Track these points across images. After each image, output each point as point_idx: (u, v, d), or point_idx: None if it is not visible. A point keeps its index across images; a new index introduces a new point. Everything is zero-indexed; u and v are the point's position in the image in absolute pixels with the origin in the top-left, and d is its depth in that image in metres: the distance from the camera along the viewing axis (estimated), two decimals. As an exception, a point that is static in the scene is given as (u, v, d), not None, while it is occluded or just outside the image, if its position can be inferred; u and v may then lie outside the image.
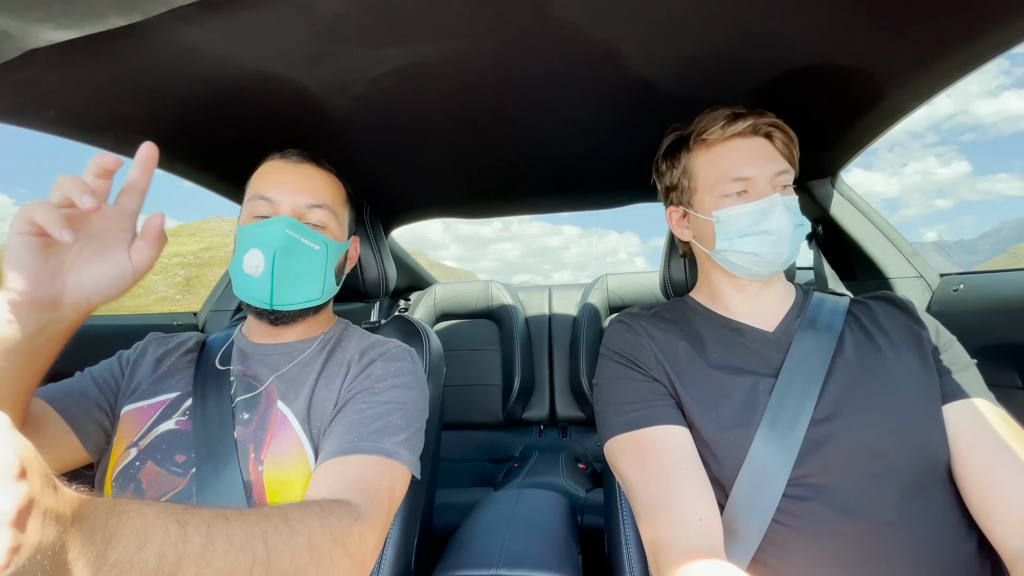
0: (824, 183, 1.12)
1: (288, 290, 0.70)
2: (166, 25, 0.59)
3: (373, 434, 0.64)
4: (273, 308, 0.71)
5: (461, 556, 0.82)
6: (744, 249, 0.69)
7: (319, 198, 0.74)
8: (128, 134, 0.88)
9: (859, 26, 0.66)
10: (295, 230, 0.70)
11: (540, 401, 2.07)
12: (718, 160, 0.71)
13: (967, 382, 0.64)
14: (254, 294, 0.70)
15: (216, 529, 0.40)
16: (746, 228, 0.68)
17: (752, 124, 0.69)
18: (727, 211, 0.69)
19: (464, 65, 0.73)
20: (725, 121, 0.69)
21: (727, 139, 0.70)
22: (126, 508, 0.35)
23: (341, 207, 0.79)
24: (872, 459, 0.59)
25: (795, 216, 0.69)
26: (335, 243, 0.75)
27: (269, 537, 0.44)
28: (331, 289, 0.77)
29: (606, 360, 0.74)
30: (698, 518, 0.56)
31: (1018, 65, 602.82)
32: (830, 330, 0.68)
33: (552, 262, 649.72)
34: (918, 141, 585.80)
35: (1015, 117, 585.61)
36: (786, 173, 0.70)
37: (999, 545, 0.55)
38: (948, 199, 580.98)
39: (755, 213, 0.68)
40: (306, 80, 0.75)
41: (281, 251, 0.69)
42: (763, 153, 0.70)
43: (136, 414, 0.69)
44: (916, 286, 1.09)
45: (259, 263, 0.68)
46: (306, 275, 0.72)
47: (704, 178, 0.72)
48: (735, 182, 0.69)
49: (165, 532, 0.36)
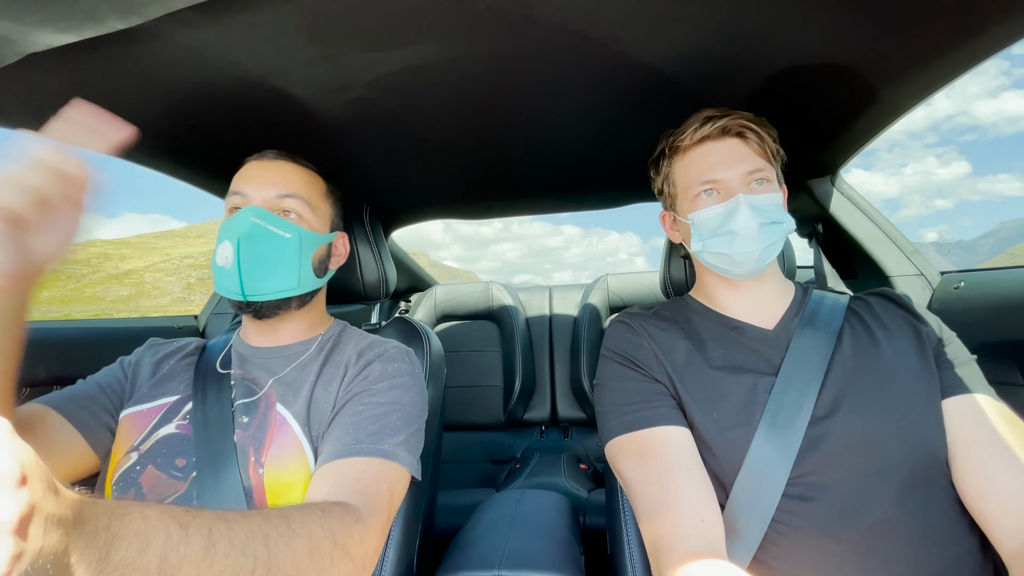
0: (824, 181, 1.12)
1: (258, 279, 0.70)
2: (164, 28, 0.59)
3: (371, 436, 0.63)
4: (246, 299, 0.70)
5: (463, 557, 0.81)
6: (715, 250, 0.70)
7: (290, 188, 0.74)
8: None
9: (857, 25, 0.66)
10: (261, 218, 0.70)
11: (541, 402, 2.07)
12: (691, 165, 0.73)
13: (967, 377, 0.63)
14: (227, 286, 0.70)
15: (218, 531, 0.40)
16: (715, 229, 0.70)
17: (722, 126, 0.70)
18: (699, 213, 0.71)
19: (463, 66, 0.73)
20: (697, 125, 0.71)
21: (698, 143, 0.72)
22: (128, 511, 0.35)
23: (319, 200, 0.78)
24: (871, 455, 0.59)
25: (764, 214, 0.68)
26: (310, 233, 0.75)
27: (270, 539, 0.44)
28: (309, 280, 0.75)
29: (606, 361, 0.74)
30: (700, 519, 0.56)
31: (1018, 66, 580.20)
32: (829, 327, 0.68)
33: (552, 262, 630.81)
34: (918, 141, 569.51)
35: (1015, 118, 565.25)
36: (760, 171, 0.70)
37: (996, 544, 0.55)
38: (948, 199, 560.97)
39: (721, 215, 0.69)
40: (305, 82, 0.75)
41: (246, 238, 0.68)
42: (734, 154, 0.70)
43: (136, 417, 0.69)
44: (917, 284, 1.09)
45: (228, 254, 0.69)
46: (276, 263, 0.71)
47: (681, 183, 0.75)
48: (704, 184, 0.70)
49: (167, 534, 0.36)
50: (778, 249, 0.70)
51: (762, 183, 0.70)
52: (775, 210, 0.69)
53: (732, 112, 0.71)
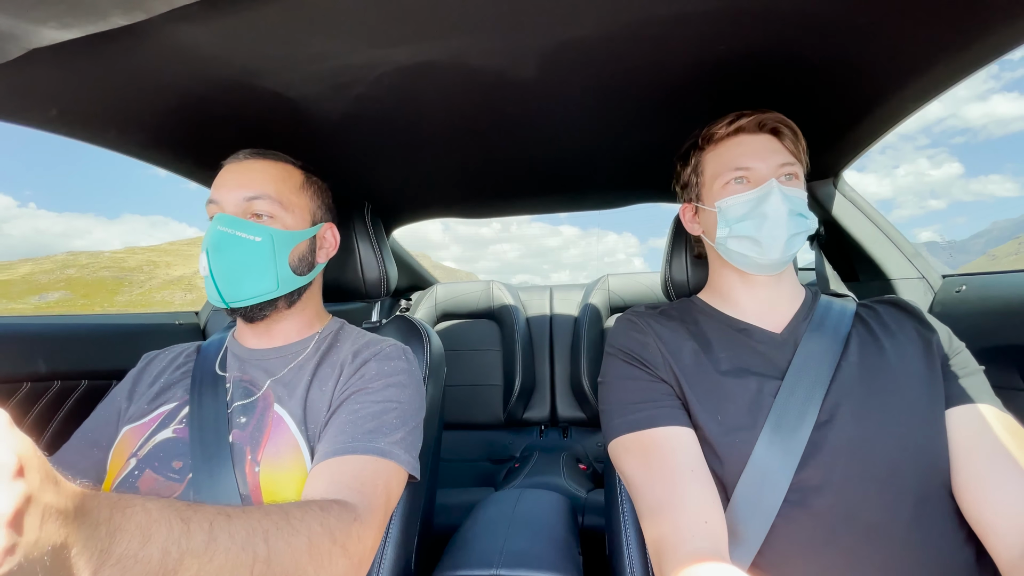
0: (826, 184, 1.12)
1: (235, 286, 0.70)
2: (168, 24, 0.59)
3: (368, 434, 0.64)
4: (228, 306, 0.71)
5: (461, 556, 0.81)
6: (742, 234, 0.70)
7: (259, 189, 0.73)
8: (130, 133, 0.88)
9: (860, 28, 0.65)
10: (228, 225, 0.70)
11: (541, 401, 2.07)
12: (724, 154, 0.73)
13: (973, 387, 0.63)
14: (211, 294, 0.71)
15: (219, 526, 0.40)
16: (744, 214, 0.70)
17: (757, 119, 0.72)
18: (728, 200, 0.72)
19: (463, 66, 0.73)
20: (732, 118, 0.73)
21: (732, 135, 0.73)
22: (130, 504, 0.35)
23: (292, 195, 0.76)
24: (874, 463, 0.58)
25: (794, 204, 0.69)
26: (283, 232, 0.73)
27: (270, 535, 0.44)
28: (289, 280, 0.74)
29: (611, 358, 0.74)
30: (703, 520, 0.56)
31: (1007, 70, 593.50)
32: (837, 333, 0.68)
33: (551, 262, 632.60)
34: (910, 143, 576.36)
35: (1005, 120, 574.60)
36: (790, 165, 0.71)
37: (994, 554, 0.55)
38: (941, 200, 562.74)
39: (752, 200, 0.70)
40: (308, 79, 0.75)
41: (214, 248, 0.69)
42: (767, 147, 0.71)
43: (135, 430, 0.70)
44: (918, 287, 1.09)
45: (204, 263, 0.70)
46: (249, 269, 0.71)
47: (711, 171, 0.75)
48: (736, 171, 0.71)
49: (169, 528, 0.36)
50: (801, 242, 0.71)
51: (791, 178, 0.71)
52: (803, 203, 0.70)
53: (766, 110, 0.73)
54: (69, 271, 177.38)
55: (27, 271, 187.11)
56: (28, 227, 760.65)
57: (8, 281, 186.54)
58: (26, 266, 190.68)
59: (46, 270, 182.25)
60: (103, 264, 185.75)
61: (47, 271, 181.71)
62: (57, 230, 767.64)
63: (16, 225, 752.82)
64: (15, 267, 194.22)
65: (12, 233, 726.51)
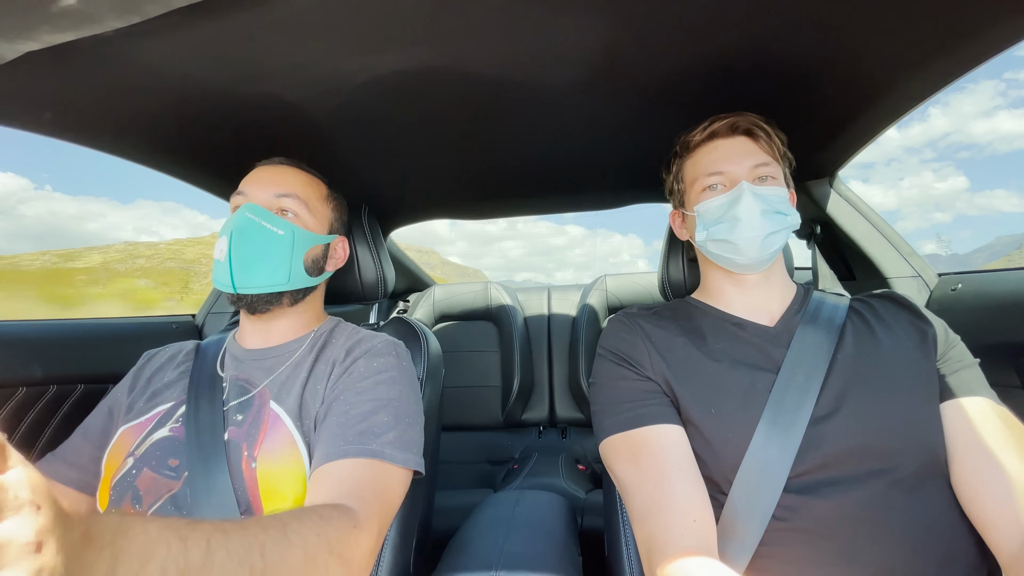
0: (822, 183, 1.13)
1: (248, 273, 0.72)
2: (162, 28, 0.59)
3: (359, 436, 0.64)
4: (236, 291, 0.72)
5: (460, 558, 0.81)
6: (718, 237, 0.71)
7: (288, 189, 0.77)
8: (125, 136, 0.88)
9: (855, 27, 0.66)
10: (255, 213, 0.73)
11: (539, 402, 2.07)
12: (700, 160, 0.75)
13: (968, 380, 0.63)
14: (220, 279, 0.72)
15: (216, 543, 0.41)
16: (719, 217, 0.71)
17: (730, 122, 0.73)
18: (703, 204, 0.73)
19: (462, 68, 0.73)
20: (707, 123, 0.75)
21: (707, 140, 0.75)
22: (131, 526, 0.36)
23: (318, 201, 0.81)
24: (871, 455, 0.59)
25: (768, 203, 0.69)
26: (305, 232, 0.77)
27: (267, 549, 0.45)
28: (300, 277, 0.77)
29: (601, 359, 0.74)
30: (693, 519, 0.56)
31: (1013, 88, 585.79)
32: (832, 325, 0.68)
33: (556, 261, 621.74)
34: (915, 156, 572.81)
35: (1010, 137, 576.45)
36: (765, 166, 0.71)
37: (992, 547, 0.55)
38: (946, 212, 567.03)
39: (725, 204, 0.71)
40: (304, 82, 0.75)
41: (238, 232, 0.71)
42: (741, 149, 0.72)
43: (133, 429, 0.71)
44: (914, 285, 1.09)
45: (223, 247, 0.72)
46: (266, 258, 0.73)
47: (689, 178, 0.77)
48: (711, 176, 0.72)
49: (167, 547, 0.37)
50: (781, 240, 0.71)
51: (766, 180, 0.71)
52: (779, 201, 0.70)
53: (741, 112, 0.73)
54: (139, 261, 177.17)
55: (100, 260, 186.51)
56: (43, 209, 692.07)
57: (89, 268, 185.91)
58: (94, 255, 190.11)
59: (117, 259, 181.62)
60: (165, 255, 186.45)
61: (119, 260, 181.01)
62: (70, 212, 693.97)
63: (32, 207, 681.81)
64: (83, 255, 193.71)
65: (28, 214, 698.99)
